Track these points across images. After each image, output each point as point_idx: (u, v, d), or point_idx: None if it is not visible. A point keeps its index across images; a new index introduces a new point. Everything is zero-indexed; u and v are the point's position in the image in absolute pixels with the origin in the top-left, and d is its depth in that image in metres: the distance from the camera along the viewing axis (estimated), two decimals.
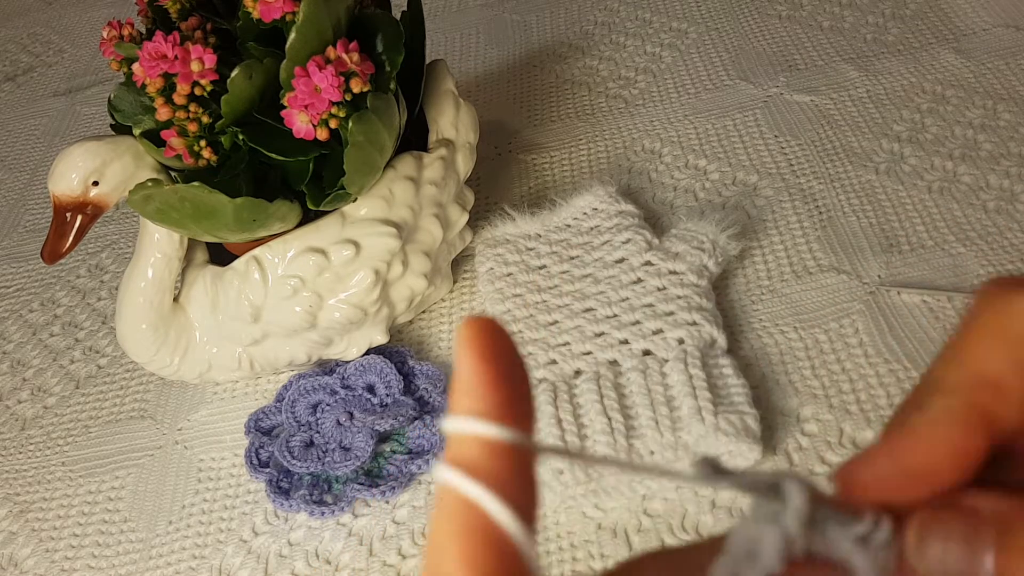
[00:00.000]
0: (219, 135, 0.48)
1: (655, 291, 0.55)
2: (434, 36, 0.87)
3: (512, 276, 0.59)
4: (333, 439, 0.52)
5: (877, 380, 0.51)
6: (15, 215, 0.78)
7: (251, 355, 0.56)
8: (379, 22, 0.51)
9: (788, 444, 0.49)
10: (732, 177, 0.66)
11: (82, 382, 0.62)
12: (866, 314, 0.54)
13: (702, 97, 0.74)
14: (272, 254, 0.52)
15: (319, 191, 0.50)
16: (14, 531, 0.54)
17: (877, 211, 0.61)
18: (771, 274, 0.58)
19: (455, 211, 0.58)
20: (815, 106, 0.70)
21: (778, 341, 0.54)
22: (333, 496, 0.50)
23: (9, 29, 1.04)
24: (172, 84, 0.47)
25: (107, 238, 0.73)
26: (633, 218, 0.60)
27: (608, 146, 0.71)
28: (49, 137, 0.86)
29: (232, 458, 0.55)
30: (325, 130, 0.47)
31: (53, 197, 0.51)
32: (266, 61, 0.48)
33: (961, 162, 0.63)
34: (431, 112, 0.58)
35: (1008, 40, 0.72)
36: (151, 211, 0.49)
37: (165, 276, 0.53)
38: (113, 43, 0.50)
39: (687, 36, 0.81)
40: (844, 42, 0.76)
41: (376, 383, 0.55)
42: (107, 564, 0.51)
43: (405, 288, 0.56)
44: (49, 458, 0.58)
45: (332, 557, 0.49)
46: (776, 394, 0.51)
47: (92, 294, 0.69)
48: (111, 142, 0.50)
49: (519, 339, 0.55)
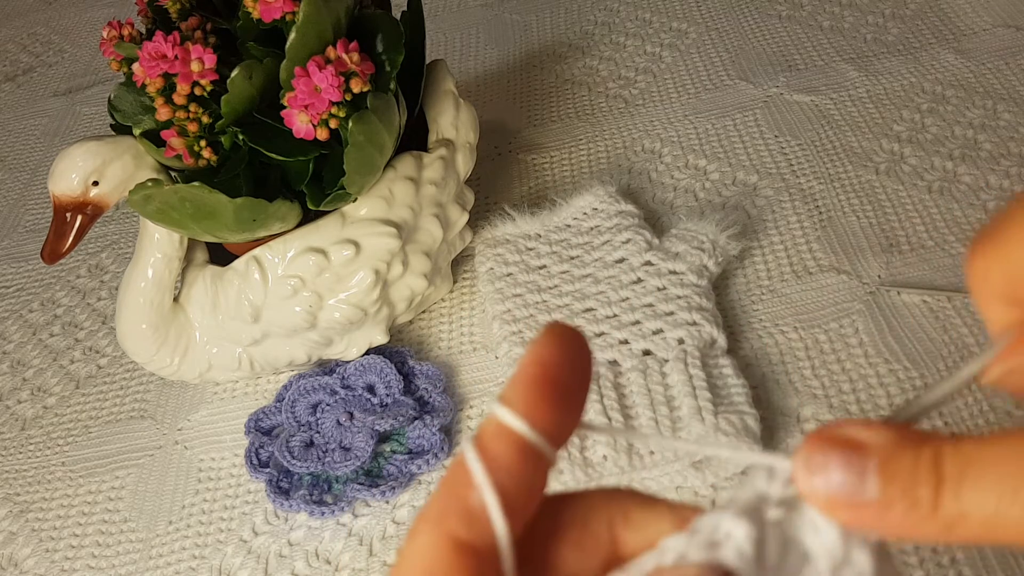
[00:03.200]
0: (219, 135, 0.48)
1: (655, 291, 0.55)
2: (434, 36, 0.87)
3: (512, 276, 0.59)
4: (333, 439, 0.52)
5: (877, 380, 0.51)
6: (15, 215, 0.78)
7: (251, 355, 0.56)
8: (379, 22, 0.51)
9: (788, 444, 0.49)
10: (732, 177, 0.66)
11: (82, 382, 0.62)
12: (866, 314, 0.54)
13: (702, 97, 0.74)
14: (272, 254, 0.52)
15: (319, 191, 0.50)
16: (14, 531, 0.54)
17: (877, 211, 0.61)
18: (771, 274, 0.58)
19: (455, 211, 0.58)
20: (815, 106, 0.70)
21: (778, 341, 0.54)
22: (333, 496, 0.50)
23: (9, 29, 1.04)
24: (172, 84, 0.47)
25: (107, 238, 0.73)
26: (633, 218, 0.60)
27: (608, 146, 0.71)
28: (49, 137, 0.86)
29: (232, 458, 0.55)
30: (325, 130, 0.47)
31: (53, 197, 0.51)
32: (266, 61, 0.48)
33: (961, 162, 0.63)
34: (431, 112, 0.58)
35: (1008, 40, 0.72)
36: (151, 211, 0.49)
37: (165, 276, 0.53)
38: (113, 43, 0.50)
39: (687, 36, 0.81)
40: (844, 42, 0.76)
41: (376, 383, 0.55)
42: (107, 564, 0.51)
43: (405, 288, 0.56)
44: (49, 458, 0.58)
45: (332, 557, 0.49)
46: (776, 394, 0.51)
47: (92, 294, 0.69)
48: (111, 142, 0.50)
49: (519, 339, 0.55)
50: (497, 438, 0.20)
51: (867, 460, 0.19)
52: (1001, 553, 0.43)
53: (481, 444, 0.20)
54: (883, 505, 0.19)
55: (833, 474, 0.19)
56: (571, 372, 0.21)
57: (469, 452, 0.20)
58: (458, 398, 0.55)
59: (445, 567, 0.19)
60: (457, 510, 0.20)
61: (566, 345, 0.21)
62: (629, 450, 0.47)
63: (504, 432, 0.20)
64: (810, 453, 0.19)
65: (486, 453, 0.20)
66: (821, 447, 0.19)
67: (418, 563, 0.19)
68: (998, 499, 0.18)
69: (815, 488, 0.19)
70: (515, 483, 0.20)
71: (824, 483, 0.19)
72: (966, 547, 0.43)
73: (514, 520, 0.20)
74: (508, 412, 0.20)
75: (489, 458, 0.20)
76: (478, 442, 0.20)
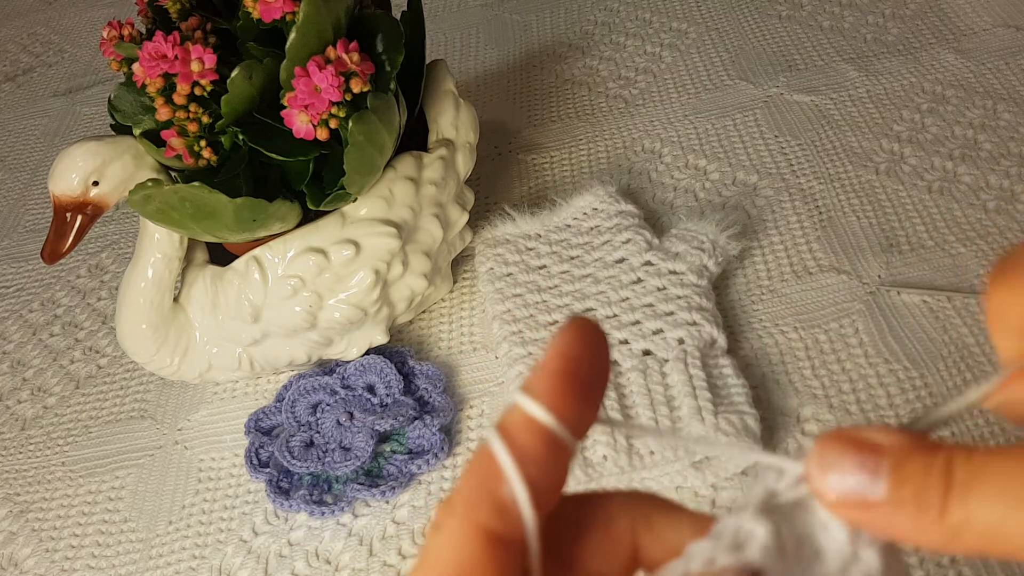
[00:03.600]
0: (219, 135, 0.48)
1: (655, 291, 0.55)
2: (434, 36, 0.87)
3: (512, 276, 0.59)
4: (333, 439, 0.52)
5: (877, 380, 0.51)
6: (15, 215, 0.78)
7: (251, 355, 0.56)
8: (379, 22, 0.51)
9: (788, 444, 0.49)
10: (732, 177, 0.66)
11: (82, 382, 0.62)
12: (866, 314, 0.54)
13: (702, 97, 0.74)
14: (272, 254, 0.52)
15: (319, 191, 0.50)
16: (14, 531, 0.54)
17: (877, 211, 0.61)
18: (771, 274, 0.58)
19: (455, 211, 0.58)
20: (815, 106, 0.70)
21: (778, 341, 0.54)
22: (333, 496, 0.50)
23: (9, 29, 1.04)
24: (172, 84, 0.47)
25: (107, 238, 0.73)
26: (633, 218, 0.60)
27: (608, 146, 0.71)
28: (49, 137, 0.86)
29: (232, 458, 0.55)
30: (325, 130, 0.47)
31: (53, 197, 0.51)
32: (266, 61, 0.48)
33: (961, 162, 0.63)
34: (431, 112, 0.58)
35: (1008, 40, 0.72)
36: (151, 211, 0.49)
37: (165, 276, 0.53)
38: (113, 43, 0.50)
39: (687, 36, 0.81)
40: (844, 42, 0.76)
41: (376, 383, 0.55)
42: (107, 564, 0.51)
43: (405, 288, 0.56)
44: (49, 458, 0.58)
45: (332, 557, 0.49)
46: (776, 394, 0.51)
47: (92, 294, 0.69)
48: (111, 142, 0.50)
49: (519, 339, 0.55)
50: (523, 429, 0.20)
51: (881, 460, 0.19)
52: None
53: (507, 435, 0.20)
54: (893, 506, 0.19)
55: (846, 471, 0.19)
56: (592, 366, 0.21)
57: (497, 443, 0.20)
58: (458, 398, 0.55)
59: (477, 560, 0.19)
60: (488, 502, 0.19)
61: (588, 339, 0.21)
62: (629, 450, 0.47)
63: (530, 423, 0.20)
64: (824, 451, 0.19)
65: (513, 444, 0.20)
66: (836, 445, 0.19)
67: (448, 556, 0.19)
68: (1005, 509, 0.18)
69: (828, 486, 0.19)
70: (542, 475, 0.20)
71: (837, 481, 0.19)
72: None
73: (540, 512, 0.20)
74: (534, 403, 0.20)
75: (516, 449, 0.20)
76: (504, 433, 0.20)
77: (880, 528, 0.19)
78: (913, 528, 0.19)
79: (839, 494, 0.19)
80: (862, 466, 0.19)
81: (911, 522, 0.18)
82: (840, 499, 0.19)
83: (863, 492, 0.19)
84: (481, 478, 0.20)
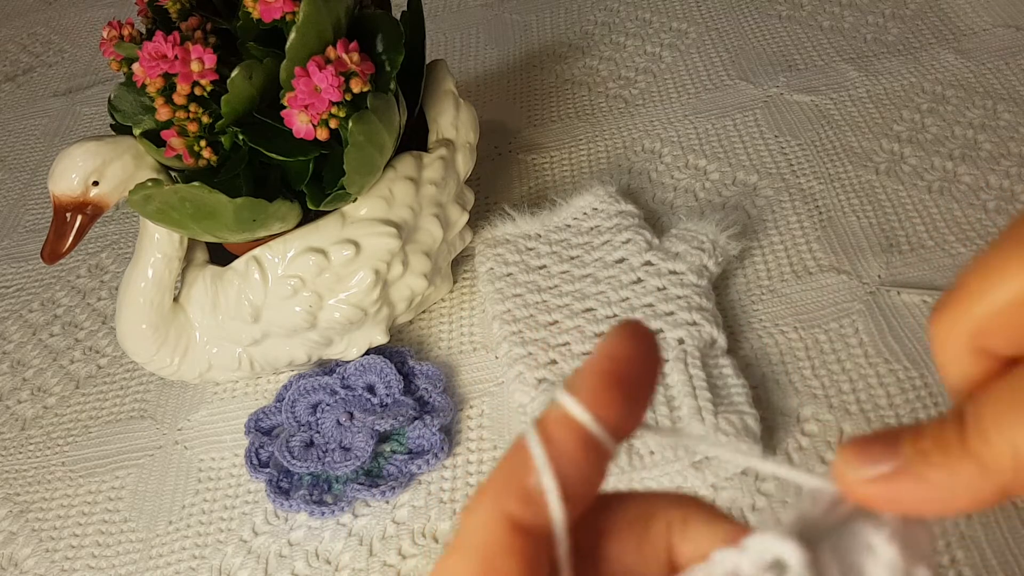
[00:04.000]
0: (219, 135, 0.48)
1: (655, 291, 0.55)
2: (434, 36, 0.87)
3: (512, 276, 0.59)
4: (333, 439, 0.52)
5: (877, 380, 0.51)
6: (15, 215, 0.78)
7: (251, 355, 0.56)
8: (379, 22, 0.51)
9: (788, 444, 0.49)
10: (732, 177, 0.66)
11: (82, 382, 0.62)
12: (866, 314, 0.54)
13: (702, 97, 0.74)
14: (272, 254, 0.52)
15: (319, 191, 0.50)
16: (14, 531, 0.54)
17: (877, 211, 0.61)
18: (771, 274, 0.58)
19: (455, 211, 0.58)
20: (815, 106, 0.70)
21: (778, 341, 0.54)
22: (333, 496, 0.51)
23: (9, 29, 1.04)
24: (172, 84, 0.47)
25: (107, 238, 0.73)
26: (633, 218, 0.60)
27: (608, 146, 0.71)
28: (49, 137, 0.86)
29: (232, 458, 0.55)
30: (325, 130, 0.47)
31: (53, 197, 0.51)
32: (266, 61, 0.48)
33: (961, 162, 0.63)
34: (431, 112, 0.58)
35: (1008, 40, 0.72)
36: (151, 211, 0.49)
37: (165, 276, 0.53)
38: (113, 43, 0.50)
39: (687, 36, 0.81)
40: (844, 42, 0.76)
41: (376, 383, 0.55)
42: (107, 564, 0.51)
43: (405, 288, 0.56)
44: (49, 458, 0.58)
45: (332, 557, 0.49)
46: (776, 394, 0.51)
47: (92, 294, 0.69)
48: (111, 142, 0.50)
49: (519, 339, 0.55)
50: (560, 425, 0.20)
51: (901, 437, 0.20)
52: (1001, 553, 0.43)
53: (544, 429, 0.20)
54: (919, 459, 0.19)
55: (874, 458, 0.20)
56: (640, 370, 0.21)
57: (531, 436, 0.20)
58: (458, 398, 0.55)
59: (500, 544, 0.19)
60: (515, 491, 0.20)
61: (637, 342, 0.21)
62: (629, 450, 0.47)
63: (567, 420, 0.20)
64: (848, 450, 0.20)
65: (548, 438, 0.20)
66: (858, 442, 0.20)
67: (476, 538, 0.20)
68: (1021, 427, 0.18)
69: (858, 474, 0.20)
70: (574, 471, 0.20)
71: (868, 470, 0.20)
72: (966, 547, 0.43)
73: (571, 508, 0.20)
74: (573, 402, 0.20)
75: (550, 444, 0.20)
76: (541, 427, 0.20)
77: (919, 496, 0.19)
78: (947, 477, 0.19)
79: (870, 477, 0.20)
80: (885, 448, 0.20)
81: (944, 473, 0.19)
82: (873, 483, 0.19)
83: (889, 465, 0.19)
84: (512, 467, 0.20)
